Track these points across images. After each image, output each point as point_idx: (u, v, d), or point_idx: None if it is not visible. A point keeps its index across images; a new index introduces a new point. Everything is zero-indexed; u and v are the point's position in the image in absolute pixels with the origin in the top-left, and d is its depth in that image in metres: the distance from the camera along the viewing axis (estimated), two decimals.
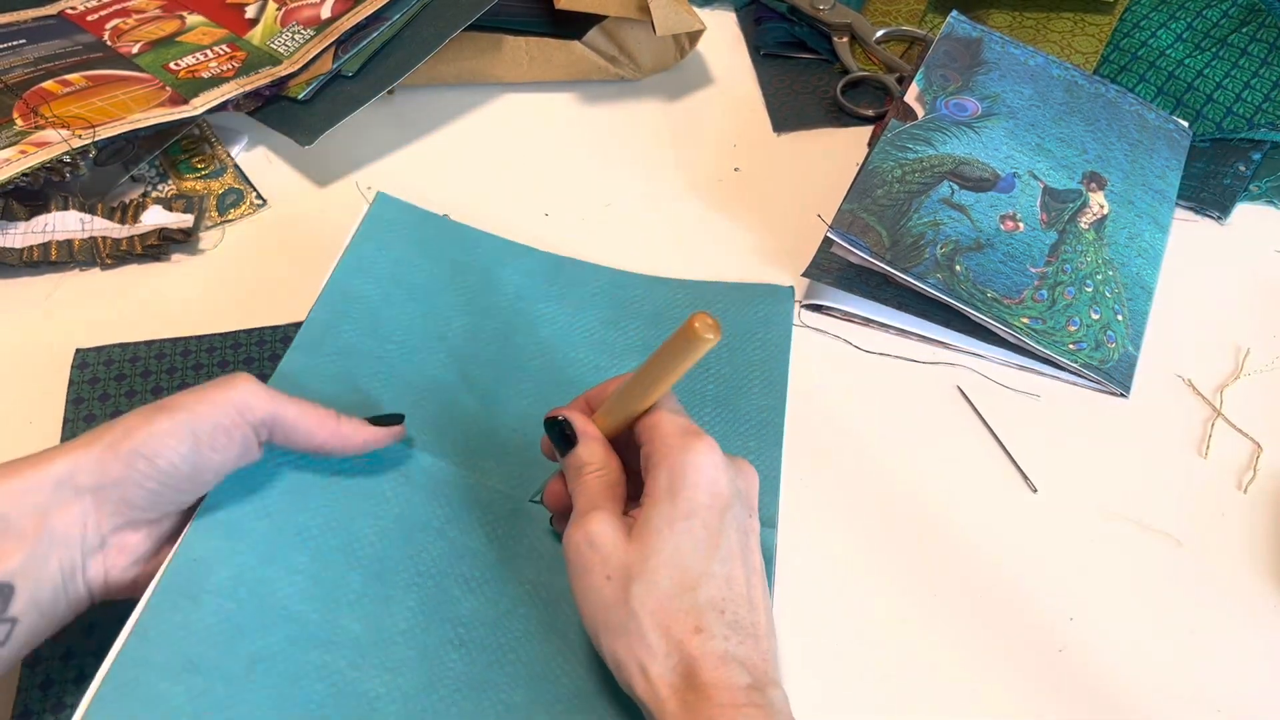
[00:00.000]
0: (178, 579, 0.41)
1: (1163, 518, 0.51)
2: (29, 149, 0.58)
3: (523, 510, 0.47)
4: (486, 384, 0.52)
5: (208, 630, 0.40)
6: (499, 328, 0.55)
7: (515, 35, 0.70)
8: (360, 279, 0.54)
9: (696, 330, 0.37)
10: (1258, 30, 0.74)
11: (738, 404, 0.53)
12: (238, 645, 0.40)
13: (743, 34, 0.78)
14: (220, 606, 0.40)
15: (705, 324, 0.37)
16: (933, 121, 0.63)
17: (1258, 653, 0.46)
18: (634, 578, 0.37)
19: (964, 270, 0.57)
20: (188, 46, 0.69)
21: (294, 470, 0.45)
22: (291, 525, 0.44)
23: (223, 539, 0.42)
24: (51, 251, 0.59)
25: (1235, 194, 0.66)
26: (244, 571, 0.42)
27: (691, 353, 0.38)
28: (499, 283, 0.57)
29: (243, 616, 0.41)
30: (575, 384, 0.53)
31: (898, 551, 0.49)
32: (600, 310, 0.57)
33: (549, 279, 0.58)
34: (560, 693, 0.41)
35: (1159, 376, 0.57)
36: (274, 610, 0.41)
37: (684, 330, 0.38)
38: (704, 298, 0.58)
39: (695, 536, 0.38)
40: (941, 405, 0.55)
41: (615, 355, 0.55)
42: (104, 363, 0.54)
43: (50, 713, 0.42)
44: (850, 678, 0.45)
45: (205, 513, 0.42)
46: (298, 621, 0.41)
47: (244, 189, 0.64)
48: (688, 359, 0.39)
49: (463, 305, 0.55)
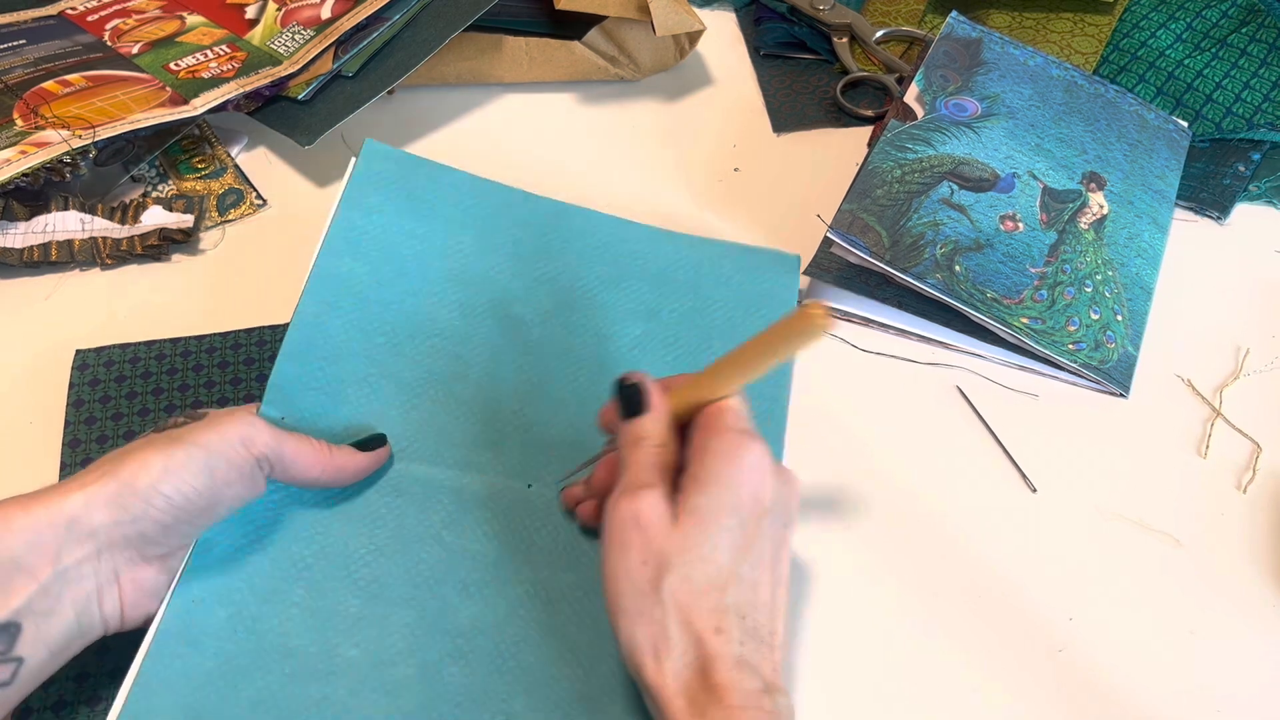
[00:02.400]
0: (176, 623, 0.41)
1: (1162, 518, 0.51)
2: (29, 149, 0.58)
3: (521, 502, 0.47)
4: (482, 364, 0.51)
5: (208, 676, 0.40)
6: (495, 298, 0.53)
7: (515, 35, 0.70)
8: (348, 258, 0.53)
9: (814, 319, 0.35)
10: (1257, 30, 0.74)
11: None
12: (239, 688, 0.40)
13: (742, 34, 0.78)
14: (220, 649, 0.41)
15: (821, 312, 0.35)
16: (932, 122, 0.63)
17: (1258, 653, 0.46)
18: (671, 567, 0.36)
19: (963, 270, 0.57)
20: (188, 47, 0.69)
21: (286, 501, 0.45)
22: (287, 557, 0.44)
23: (220, 576, 0.42)
24: (52, 252, 0.59)
25: (1235, 194, 0.66)
26: (242, 610, 0.42)
27: (802, 344, 0.37)
28: (495, 242, 0.55)
29: (242, 658, 0.41)
30: (576, 352, 0.52)
31: (897, 552, 0.49)
32: (602, 266, 0.56)
33: (548, 230, 0.56)
34: (560, 697, 0.41)
35: (1158, 376, 0.57)
36: (272, 648, 0.41)
37: (799, 318, 0.35)
38: (709, 257, 0.57)
39: (733, 536, 0.37)
40: (941, 405, 0.55)
41: (618, 320, 0.54)
42: (104, 364, 0.54)
43: (50, 711, 0.42)
44: (850, 677, 0.45)
45: (201, 551, 0.43)
46: (296, 656, 0.41)
47: (244, 189, 0.64)
48: (795, 349, 0.37)
49: (456, 275, 0.54)
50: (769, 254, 0.58)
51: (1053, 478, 0.52)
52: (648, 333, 0.53)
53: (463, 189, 0.57)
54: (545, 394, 0.51)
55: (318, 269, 0.52)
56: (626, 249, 0.57)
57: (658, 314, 0.54)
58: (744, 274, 0.57)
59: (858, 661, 0.45)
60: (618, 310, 0.54)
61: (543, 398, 0.50)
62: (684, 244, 0.58)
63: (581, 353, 0.52)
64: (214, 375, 0.54)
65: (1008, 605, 0.48)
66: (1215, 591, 0.48)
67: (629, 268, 0.56)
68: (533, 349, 0.52)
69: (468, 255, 0.55)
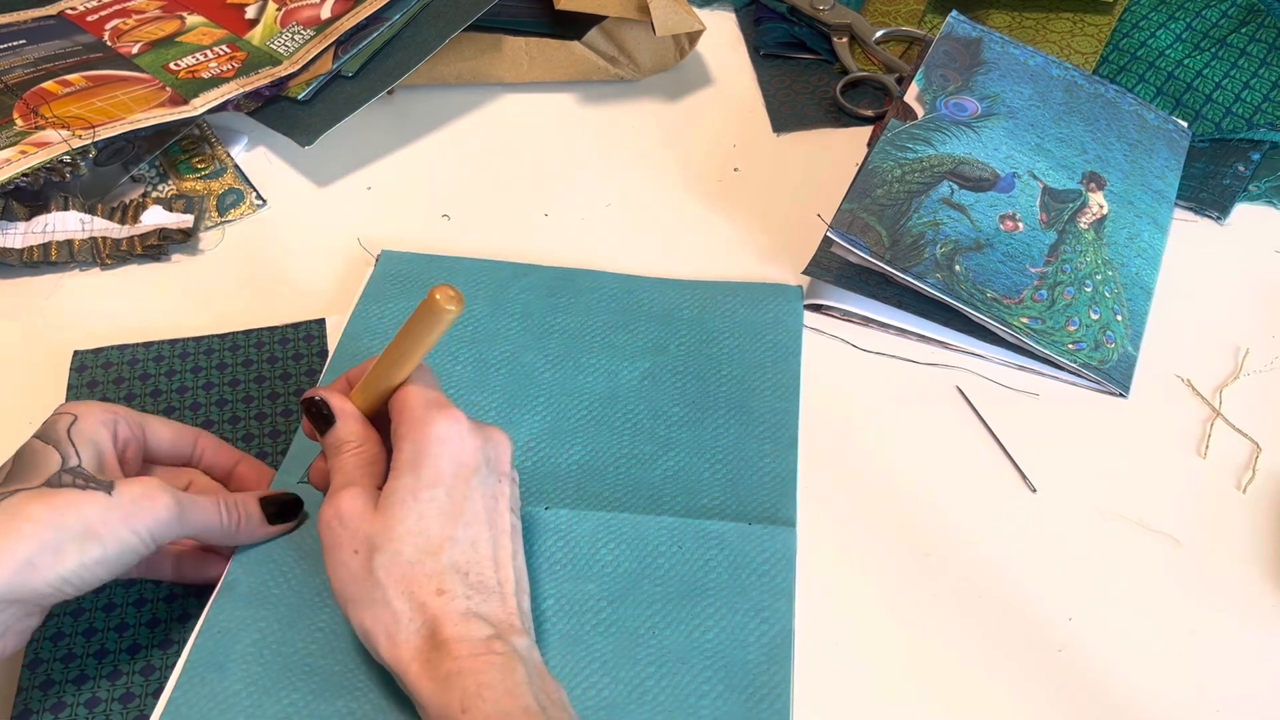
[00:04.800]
0: (204, 653, 0.41)
1: (1162, 518, 0.51)
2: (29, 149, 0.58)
3: (539, 523, 0.47)
4: (497, 409, 0.52)
5: (235, 697, 0.41)
6: (508, 350, 0.55)
7: (515, 35, 0.70)
8: (366, 339, 0.54)
9: (438, 302, 0.38)
10: (1257, 30, 0.74)
11: (751, 405, 0.53)
12: (265, 707, 0.40)
13: (742, 34, 0.78)
14: (246, 672, 0.41)
15: (446, 295, 0.38)
16: (932, 121, 0.63)
17: (1258, 653, 0.46)
18: (378, 548, 0.38)
19: (963, 270, 0.57)
20: (188, 47, 0.69)
21: (309, 535, 0.45)
22: (310, 587, 0.44)
23: (245, 608, 0.43)
24: (52, 251, 0.59)
25: (1234, 194, 0.66)
26: (267, 635, 0.42)
27: (435, 325, 0.39)
28: (506, 305, 0.57)
29: (268, 679, 0.41)
30: (588, 391, 0.53)
31: (897, 551, 0.49)
32: (609, 314, 0.57)
33: (555, 291, 0.58)
34: (585, 705, 0.41)
35: (1158, 376, 0.57)
36: (297, 668, 0.42)
37: (426, 303, 0.39)
38: (713, 298, 0.58)
39: (439, 504, 0.39)
40: (941, 405, 0.55)
41: (627, 357, 0.55)
42: (102, 365, 0.54)
43: (50, 712, 0.42)
44: (849, 676, 0.45)
45: (227, 587, 0.43)
46: (320, 675, 0.42)
47: (244, 189, 0.64)
48: (432, 332, 0.40)
49: (469, 336, 0.55)
50: (771, 288, 0.59)
51: (1053, 478, 0.52)
52: (657, 364, 0.55)
53: (472, 270, 0.59)
54: (558, 429, 0.52)
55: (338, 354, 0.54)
56: (633, 298, 0.58)
57: (665, 348, 0.55)
58: (748, 307, 0.58)
59: (857, 661, 0.45)
60: (627, 349, 0.55)
61: (556, 431, 0.51)
62: (687, 288, 0.59)
63: (592, 389, 0.53)
64: (212, 377, 0.54)
65: (1008, 605, 0.47)
66: (1215, 591, 0.48)
67: (635, 312, 0.57)
68: (544, 389, 0.53)
69: (480, 319, 0.56)
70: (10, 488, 0.38)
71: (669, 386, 0.54)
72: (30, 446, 0.40)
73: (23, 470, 0.39)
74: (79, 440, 0.40)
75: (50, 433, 0.40)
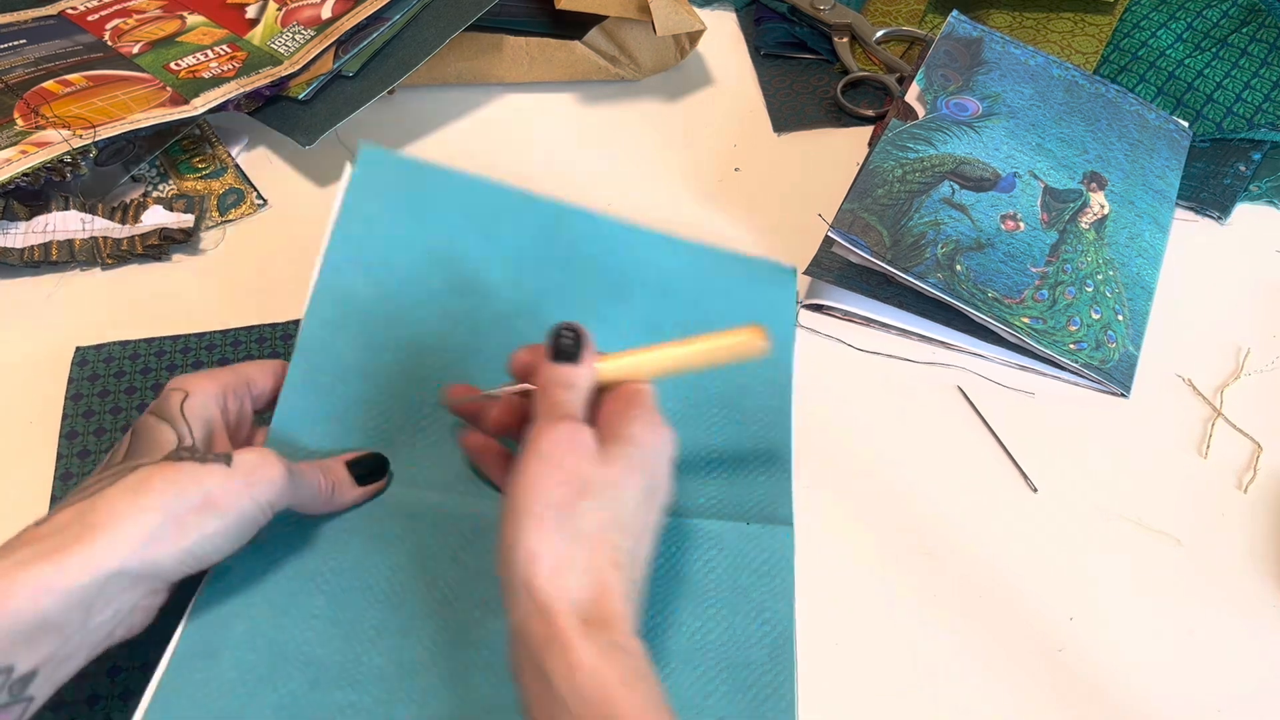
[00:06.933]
0: (195, 642, 0.41)
1: (1163, 517, 0.51)
2: (30, 149, 0.58)
3: None
4: (489, 380, 0.51)
5: (229, 685, 0.40)
6: (500, 311, 0.53)
7: (516, 35, 0.70)
8: (350, 272, 0.52)
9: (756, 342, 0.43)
10: (1258, 30, 0.74)
11: (743, 404, 0.53)
12: (261, 696, 0.40)
13: (743, 34, 0.78)
14: (240, 659, 0.41)
15: (761, 335, 0.43)
16: (933, 121, 0.63)
17: (1258, 653, 0.46)
18: (591, 492, 0.38)
19: (964, 270, 0.57)
20: (188, 46, 0.69)
21: (299, 521, 0.45)
22: (303, 573, 0.44)
23: (235, 596, 0.43)
24: (52, 251, 0.59)
25: (1235, 194, 0.66)
26: (260, 623, 0.42)
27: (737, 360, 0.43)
28: (498, 249, 0.55)
29: (262, 667, 0.41)
30: None
31: (897, 551, 0.49)
32: (605, 276, 0.56)
33: (551, 236, 0.56)
34: None
35: (1159, 376, 0.57)
36: (294, 657, 0.41)
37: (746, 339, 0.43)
38: (710, 267, 0.57)
39: (640, 494, 0.39)
40: (942, 405, 0.55)
41: (622, 333, 0.53)
42: (104, 360, 0.54)
43: (50, 711, 0.42)
44: (849, 676, 0.45)
45: (216, 575, 0.43)
46: (318, 665, 0.41)
47: (244, 189, 0.64)
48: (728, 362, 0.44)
49: (461, 286, 0.53)
50: (767, 265, 0.59)
51: (1053, 477, 0.52)
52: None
53: (462, 192, 0.56)
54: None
55: (320, 285, 0.51)
56: (631, 257, 0.57)
57: (660, 328, 0.54)
58: (743, 287, 0.57)
59: (857, 661, 0.45)
60: (623, 323, 0.54)
61: None
62: (684, 250, 0.58)
63: None
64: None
65: (1008, 605, 0.47)
66: (1215, 591, 0.48)
67: (632, 279, 0.56)
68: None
69: (472, 264, 0.54)
70: (132, 462, 0.39)
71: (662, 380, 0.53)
72: (145, 423, 0.41)
73: (141, 447, 0.40)
74: (191, 417, 0.41)
75: (164, 410, 0.41)
